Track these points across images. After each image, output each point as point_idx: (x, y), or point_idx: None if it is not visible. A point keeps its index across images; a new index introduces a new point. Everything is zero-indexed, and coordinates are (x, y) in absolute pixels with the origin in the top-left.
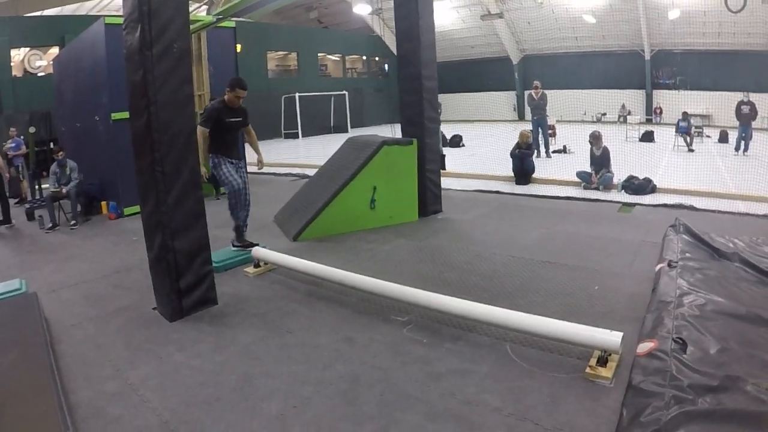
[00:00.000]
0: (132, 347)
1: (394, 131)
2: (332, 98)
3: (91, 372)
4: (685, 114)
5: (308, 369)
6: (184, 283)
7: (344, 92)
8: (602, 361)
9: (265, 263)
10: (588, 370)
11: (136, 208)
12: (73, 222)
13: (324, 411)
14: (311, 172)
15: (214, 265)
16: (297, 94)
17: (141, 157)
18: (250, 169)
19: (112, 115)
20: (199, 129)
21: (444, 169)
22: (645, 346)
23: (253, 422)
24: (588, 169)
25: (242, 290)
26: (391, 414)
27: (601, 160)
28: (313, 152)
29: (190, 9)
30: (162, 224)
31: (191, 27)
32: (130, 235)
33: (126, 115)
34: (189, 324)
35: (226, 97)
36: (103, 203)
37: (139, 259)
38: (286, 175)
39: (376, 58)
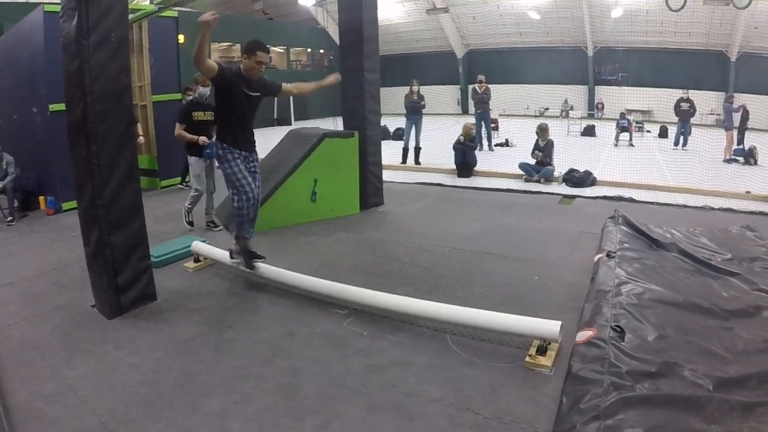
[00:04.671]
0: (70, 347)
1: (336, 124)
2: None
3: (28, 373)
4: (622, 114)
5: (248, 364)
6: (122, 279)
7: None
8: (542, 350)
9: (205, 258)
10: (527, 359)
11: (75, 203)
12: (9, 218)
13: (264, 406)
14: None
15: (152, 260)
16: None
17: (76, 150)
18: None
19: (50, 106)
20: (211, 61)
21: (419, 163)
22: (584, 335)
23: (193, 419)
24: (530, 161)
25: (182, 285)
26: (332, 407)
27: (544, 150)
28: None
29: None
30: (98, 219)
31: (132, 16)
32: (68, 231)
33: (63, 106)
34: (128, 321)
35: (242, 65)
36: (41, 198)
37: (78, 256)
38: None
39: (321, 51)
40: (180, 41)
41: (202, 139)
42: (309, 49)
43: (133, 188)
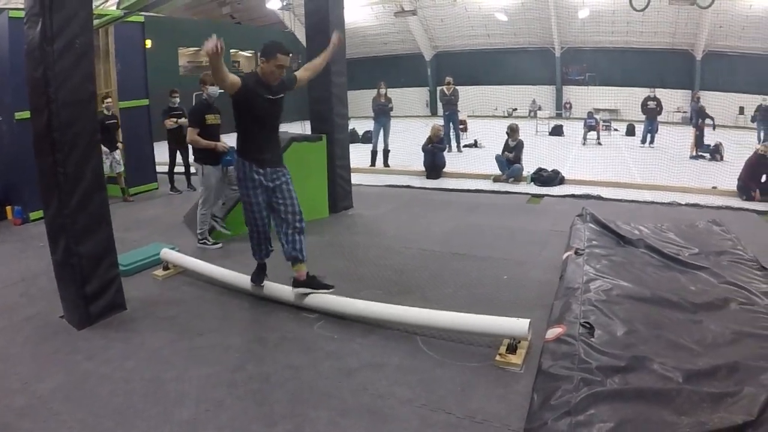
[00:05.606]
0: (40, 358)
1: (304, 128)
2: None
3: None
4: (590, 113)
5: (219, 371)
6: (90, 288)
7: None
8: (512, 349)
9: (175, 265)
10: (498, 357)
11: (42, 213)
12: None
13: (236, 413)
14: None
15: (121, 268)
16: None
17: (42, 158)
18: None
19: (16, 114)
20: (233, 77)
21: (388, 166)
22: (553, 332)
23: (164, 428)
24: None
25: (151, 294)
26: (304, 412)
27: (514, 150)
28: None
29: (97, 3)
30: (65, 228)
31: (98, 21)
32: (36, 241)
33: (28, 114)
34: (97, 331)
35: (258, 69)
36: (8, 208)
37: (46, 266)
38: (196, 174)
39: (290, 54)
40: (147, 46)
41: (222, 145)
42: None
43: (100, 196)
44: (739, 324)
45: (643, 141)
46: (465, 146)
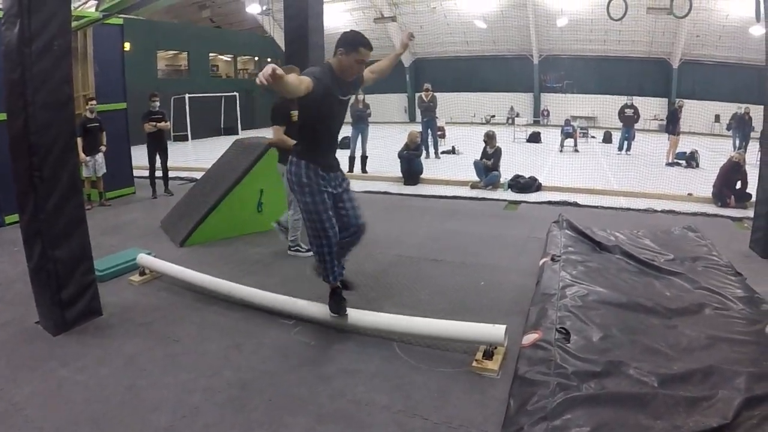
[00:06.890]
0: (14, 365)
1: None
2: (223, 99)
3: None
4: (567, 120)
5: (196, 377)
6: (66, 294)
7: (235, 93)
8: (488, 354)
9: (151, 271)
10: (475, 363)
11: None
12: None
13: (213, 420)
14: (200, 175)
15: (97, 273)
16: (187, 95)
17: (18, 161)
18: None
19: None
20: (302, 79)
21: (366, 172)
22: (530, 338)
23: None
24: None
25: (128, 299)
26: (281, 419)
27: (492, 157)
28: (202, 155)
29: (76, 4)
30: (41, 232)
31: (76, 23)
32: (11, 246)
33: (5, 117)
34: (73, 337)
35: (334, 62)
36: None
37: (22, 271)
38: (174, 178)
39: (268, 59)
40: (126, 49)
41: None
42: (256, 58)
43: (76, 200)
44: (714, 329)
45: (620, 148)
46: (443, 153)
